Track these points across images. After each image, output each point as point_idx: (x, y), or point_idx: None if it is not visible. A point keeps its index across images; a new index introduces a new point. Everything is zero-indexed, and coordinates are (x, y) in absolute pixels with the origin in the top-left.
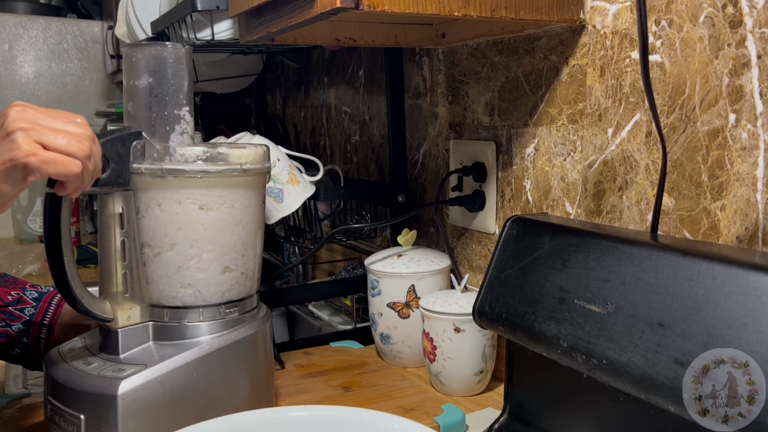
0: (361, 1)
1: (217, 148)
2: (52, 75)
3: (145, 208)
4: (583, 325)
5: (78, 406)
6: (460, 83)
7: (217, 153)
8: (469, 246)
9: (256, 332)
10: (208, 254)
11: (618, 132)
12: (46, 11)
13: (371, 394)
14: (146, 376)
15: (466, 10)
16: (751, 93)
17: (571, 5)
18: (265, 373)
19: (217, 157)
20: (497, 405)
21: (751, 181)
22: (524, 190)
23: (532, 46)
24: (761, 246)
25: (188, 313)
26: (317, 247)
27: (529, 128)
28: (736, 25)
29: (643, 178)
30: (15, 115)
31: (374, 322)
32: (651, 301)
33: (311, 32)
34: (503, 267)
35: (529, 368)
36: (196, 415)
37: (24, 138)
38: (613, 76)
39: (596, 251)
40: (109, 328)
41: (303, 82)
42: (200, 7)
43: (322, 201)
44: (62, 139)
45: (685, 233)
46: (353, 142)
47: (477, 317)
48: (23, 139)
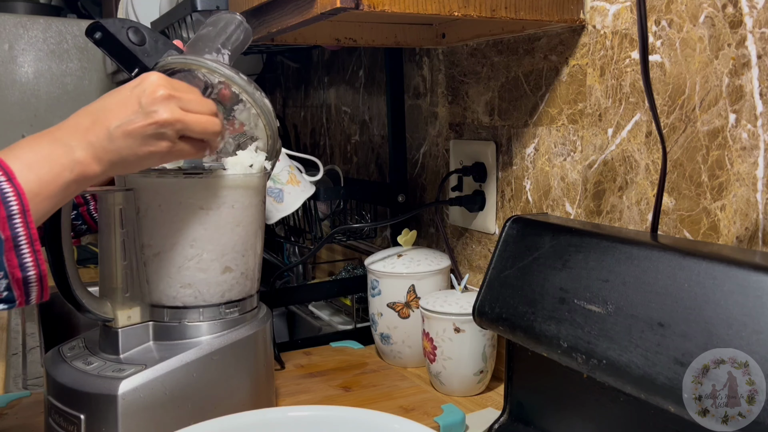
0: (361, 1)
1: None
2: (52, 75)
3: (145, 208)
4: (583, 325)
5: (78, 406)
6: (460, 83)
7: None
8: (469, 246)
9: (256, 332)
10: (208, 254)
11: (618, 132)
12: (46, 11)
13: (371, 394)
14: (146, 376)
15: (466, 10)
16: (751, 93)
17: (571, 5)
18: (265, 373)
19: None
20: (497, 405)
21: (751, 181)
22: (524, 190)
23: (532, 46)
24: (761, 246)
25: (188, 313)
26: (317, 247)
27: (529, 128)
28: (736, 25)
29: (643, 178)
30: (156, 80)
31: (374, 322)
32: (651, 301)
33: (311, 32)
34: (503, 267)
35: (529, 368)
36: (196, 415)
37: (168, 102)
38: (613, 76)
39: (596, 251)
40: (109, 327)
41: (303, 82)
42: (200, 7)
43: (322, 201)
44: (201, 105)
45: (685, 233)
46: (353, 142)
47: (477, 317)
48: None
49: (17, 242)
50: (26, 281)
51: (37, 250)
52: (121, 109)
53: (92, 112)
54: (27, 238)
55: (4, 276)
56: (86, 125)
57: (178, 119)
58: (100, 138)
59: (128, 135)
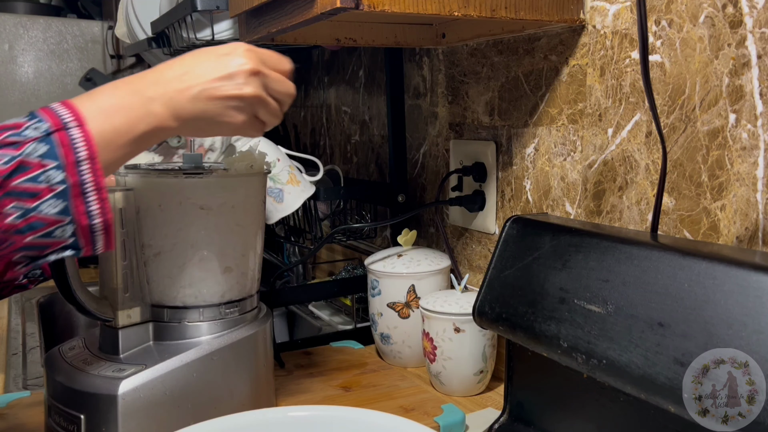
0: (361, 1)
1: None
2: (52, 75)
3: (145, 208)
4: (583, 325)
5: (78, 406)
6: (460, 83)
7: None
8: (469, 246)
9: (256, 332)
10: (208, 254)
11: (618, 132)
12: (46, 11)
13: (371, 394)
14: (146, 376)
15: (466, 10)
16: (751, 93)
17: (571, 5)
18: (265, 373)
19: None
20: (497, 405)
21: (751, 181)
22: (524, 190)
23: (532, 46)
24: (761, 246)
25: (188, 313)
26: (317, 247)
27: (529, 128)
28: (736, 25)
29: (643, 178)
30: (247, 52)
31: (374, 322)
32: (651, 301)
33: (311, 32)
34: (503, 267)
35: (529, 368)
36: (196, 415)
37: (256, 78)
38: (613, 76)
39: (596, 251)
40: (109, 327)
41: (303, 82)
42: (200, 7)
43: (322, 201)
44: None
45: (685, 233)
46: (353, 142)
47: (477, 317)
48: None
49: (84, 188)
50: (92, 229)
51: (103, 198)
52: (208, 73)
53: (177, 68)
54: (94, 185)
55: (70, 222)
56: (169, 80)
57: (261, 99)
58: (182, 97)
59: (211, 100)
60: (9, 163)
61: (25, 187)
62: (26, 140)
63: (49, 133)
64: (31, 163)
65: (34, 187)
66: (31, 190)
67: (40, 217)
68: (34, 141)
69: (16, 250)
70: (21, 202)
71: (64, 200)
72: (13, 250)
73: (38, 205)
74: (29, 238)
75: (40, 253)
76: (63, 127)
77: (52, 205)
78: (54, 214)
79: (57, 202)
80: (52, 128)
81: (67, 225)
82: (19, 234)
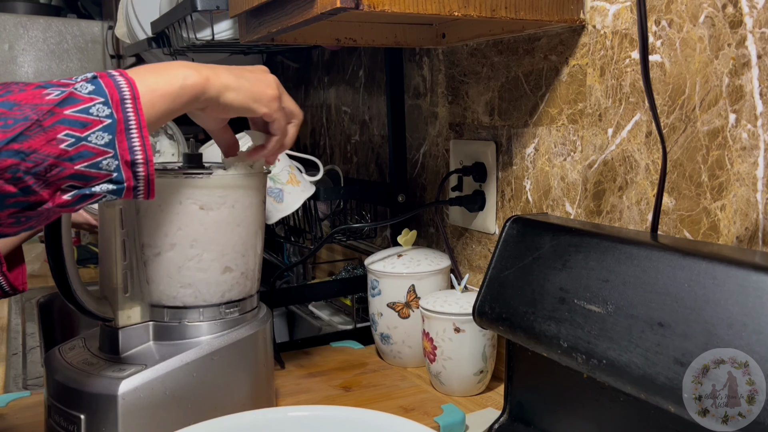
0: (361, 1)
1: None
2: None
3: (145, 207)
4: (583, 325)
5: (78, 406)
6: (460, 83)
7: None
8: (469, 246)
9: (256, 332)
10: (208, 254)
11: (618, 132)
12: (46, 11)
13: (371, 394)
14: (146, 376)
15: (466, 10)
16: (751, 93)
17: (571, 5)
18: (265, 373)
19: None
20: (497, 405)
21: (751, 181)
22: (524, 190)
23: (532, 46)
24: (761, 246)
25: (188, 313)
26: (317, 247)
27: (529, 128)
28: (736, 25)
29: (643, 178)
30: (273, 80)
31: (374, 322)
32: (651, 301)
33: (311, 32)
34: (503, 267)
35: (529, 368)
36: (196, 415)
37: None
38: (613, 76)
39: (596, 251)
40: (109, 327)
41: (303, 82)
42: (200, 7)
43: (322, 201)
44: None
45: (685, 233)
46: (353, 142)
47: (477, 317)
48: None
49: (128, 125)
50: (134, 164)
51: (145, 136)
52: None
53: (212, 68)
54: (137, 123)
55: (114, 156)
56: (207, 71)
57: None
58: (217, 81)
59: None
60: (60, 95)
61: (77, 116)
62: (75, 82)
63: (95, 77)
64: (81, 97)
65: (85, 118)
66: (81, 119)
67: (89, 147)
68: (82, 81)
69: (65, 177)
70: (72, 130)
71: (111, 133)
72: (62, 177)
73: (88, 135)
74: (78, 166)
75: (86, 184)
76: (107, 75)
77: (100, 137)
78: (101, 145)
79: (104, 134)
80: (98, 74)
81: (112, 158)
82: (70, 161)
